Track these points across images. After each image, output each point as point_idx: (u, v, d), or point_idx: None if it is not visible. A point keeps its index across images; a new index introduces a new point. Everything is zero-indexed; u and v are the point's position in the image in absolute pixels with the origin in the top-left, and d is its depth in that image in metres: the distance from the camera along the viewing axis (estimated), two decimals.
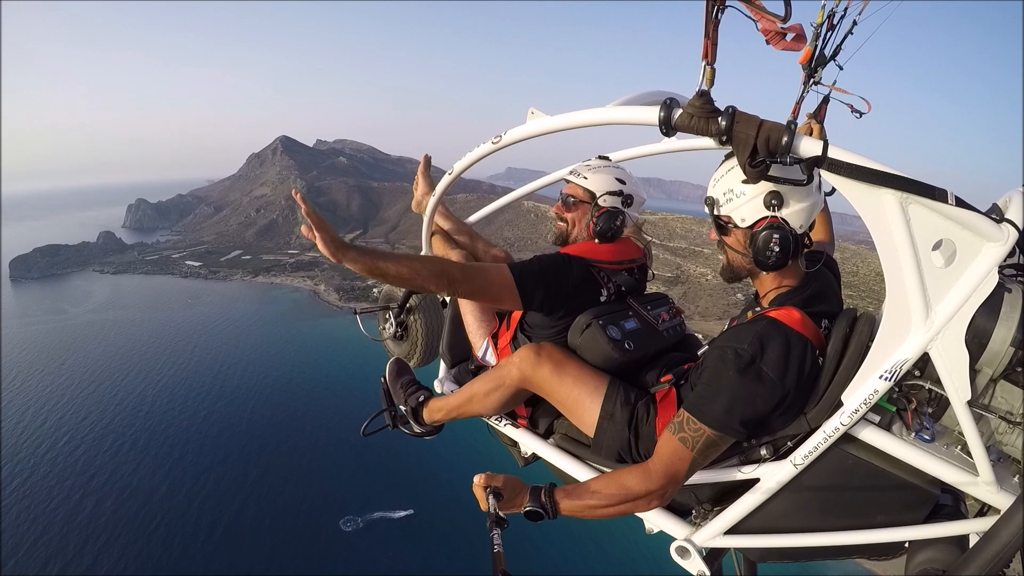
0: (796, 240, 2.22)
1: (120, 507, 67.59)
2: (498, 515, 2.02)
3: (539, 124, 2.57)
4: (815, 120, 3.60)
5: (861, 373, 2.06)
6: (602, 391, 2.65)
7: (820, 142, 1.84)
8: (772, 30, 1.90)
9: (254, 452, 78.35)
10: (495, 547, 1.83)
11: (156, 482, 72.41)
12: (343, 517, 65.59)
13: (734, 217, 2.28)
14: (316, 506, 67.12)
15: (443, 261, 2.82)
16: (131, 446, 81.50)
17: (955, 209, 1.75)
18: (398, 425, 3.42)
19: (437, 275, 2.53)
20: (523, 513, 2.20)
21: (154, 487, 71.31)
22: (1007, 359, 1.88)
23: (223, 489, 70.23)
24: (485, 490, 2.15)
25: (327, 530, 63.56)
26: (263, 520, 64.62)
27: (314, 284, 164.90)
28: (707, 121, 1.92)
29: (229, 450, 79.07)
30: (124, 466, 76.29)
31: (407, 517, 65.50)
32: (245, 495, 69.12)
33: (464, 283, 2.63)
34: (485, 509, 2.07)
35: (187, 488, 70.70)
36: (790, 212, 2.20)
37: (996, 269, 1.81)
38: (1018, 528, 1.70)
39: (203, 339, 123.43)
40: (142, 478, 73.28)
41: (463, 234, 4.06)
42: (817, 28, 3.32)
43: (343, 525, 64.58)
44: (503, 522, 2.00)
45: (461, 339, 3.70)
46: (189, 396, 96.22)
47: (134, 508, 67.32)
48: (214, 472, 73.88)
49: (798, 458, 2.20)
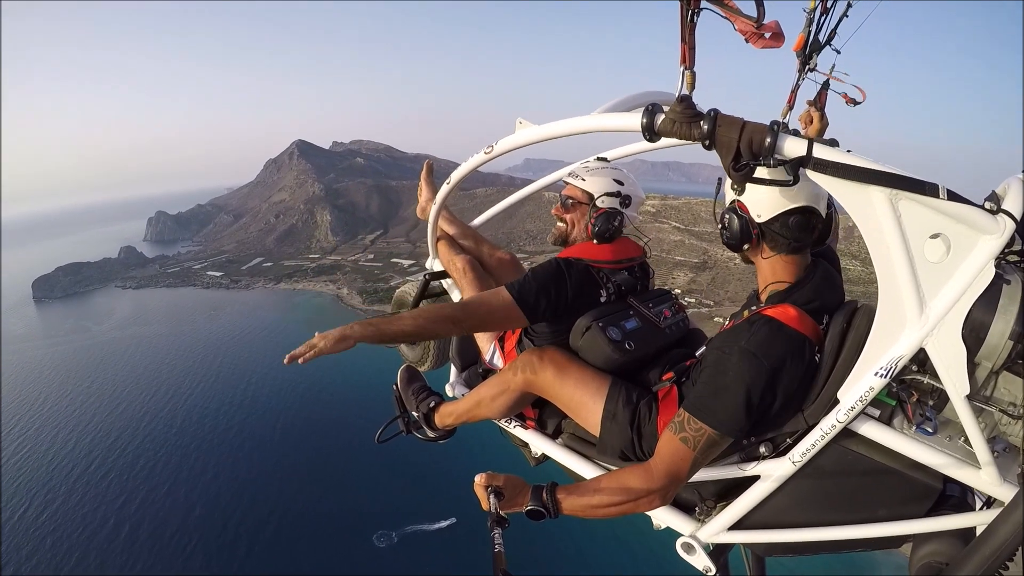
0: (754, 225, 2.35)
1: (156, 531, 66.01)
2: (499, 514, 2.04)
3: (527, 134, 2.66)
4: (815, 108, 3.66)
5: (857, 370, 2.08)
6: (604, 392, 2.72)
7: (805, 142, 1.82)
8: (749, 30, 1.90)
9: (287, 468, 76.31)
10: (496, 546, 1.86)
11: (191, 503, 70.65)
12: (376, 532, 62.69)
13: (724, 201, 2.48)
14: (348, 522, 64.54)
15: (441, 308, 2.96)
16: (164, 466, 79.99)
17: (947, 203, 1.74)
18: (411, 431, 3.54)
19: (441, 321, 2.68)
20: (524, 512, 2.23)
21: (189, 509, 69.54)
22: (1006, 352, 1.86)
23: (258, 508, 68.18)
24: (486, 489, 2.18)
25: (361, 547, 60.83)
26: (298, 540, 62.43)
27: (337, 288, 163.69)
28: (689, 125, 1.92)
29: (262, 467, 77.15)
30: (158, 488, 74.67)
31: (448, 527, 62.45)
32: (281, 514, 66.94)
33: (468, 319, 2.78)
34: (486, 508, 2.10)
35: (222, 508, 68.87)
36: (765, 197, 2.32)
37: (993, 261, 1.79)
38: (1018, 523, 1.71)
39: (228, 351, 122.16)
40: (176, 500, 71.54)
41: (468, 238, 4.14)
42: (810, 13, 3.38)
43: (376, 541, 61.69)
44: (504, 521, 2.02)
45: (470, 343, 3.79)
46: (219, 411, 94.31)
47: (170, 531, 65.67)
48: (248, 492, 71.85)
49: (796, 455, 2.25)
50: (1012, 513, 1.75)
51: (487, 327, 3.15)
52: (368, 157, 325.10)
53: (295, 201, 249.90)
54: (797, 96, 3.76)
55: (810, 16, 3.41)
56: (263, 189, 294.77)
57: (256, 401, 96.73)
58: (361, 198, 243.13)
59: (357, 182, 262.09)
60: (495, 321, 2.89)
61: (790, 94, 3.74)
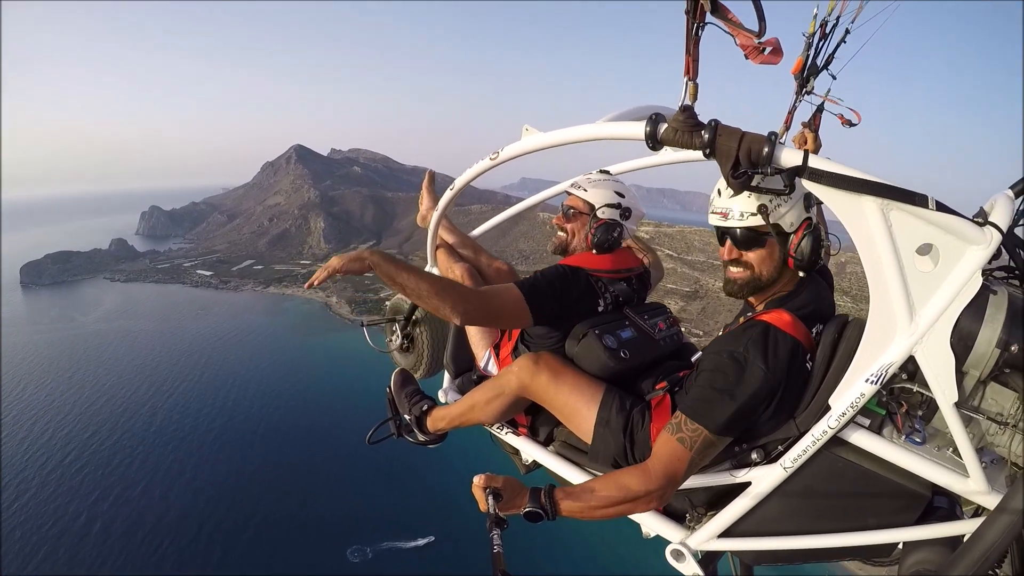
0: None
1: (129, 530, 65.09)
2: (498, 516, 2.05)
3: (533, 140, 2.72)
4: (809, 129, 3.72)
5: (848, 377, 2.12)
6: (598, 398, 2.74)
7: (801, 152, 1.89)
8: (749, 45, 1.93)
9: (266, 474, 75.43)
10: (495, 547, 1.86)
11: (166, 504, 69.65)
12: (351, 546, 61.47)
13: (783, 223, 2.36)
14: (324, 533, 63.54)
15: (462, 287, 2.93)
16: (140, 464, 79.05)
17: (936, 214, 1.79)
18: (403, 434, 3.52)
19: (455, 297, 2.66)
20: (523, 514, 2.24)
21: (164, 510, 68.53)
22: (993, 360, 1.91)
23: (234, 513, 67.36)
24: (485, 491, 2.18)
25: (334, 561, 59.70)
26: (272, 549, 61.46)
27: (326, 296, 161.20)
28: (691, 135, 1.99)
29: (240, 472, 76.27)
30: (133, 487, 73.66)
31: (426, 546, 61.35)
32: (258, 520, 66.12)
33: (478, 307, 2.75)
34: (484, 510, 2.11)
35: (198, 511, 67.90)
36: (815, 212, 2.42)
37: (980, 272, 1.85)
38: (1003, 529, 1.76)
39: (213, 352, 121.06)
40: (151, 500, 70.59)
41: (467, 247, 4.18)
42: (808, 38, 3.46)
43: (351, 556, 60.58)
44: (503, 523, 2.04)
45: (464, 350, 3.80)
46: (200, 412, 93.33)
47: (144, 531, 64.84)
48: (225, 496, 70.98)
49: (787, 461, 2.28)
50: (998, 517, 1.79)
51: (491, 321, 3.15)
52: (366, 167, 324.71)
53: (290, 205, 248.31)
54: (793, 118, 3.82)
55: (809, 40, 3.51)
56: (258, 191, 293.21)
57: (238, 404, 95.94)
58: (356, 207, 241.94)
59: (353, 191, 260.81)
60: (503, 316, 2.91)
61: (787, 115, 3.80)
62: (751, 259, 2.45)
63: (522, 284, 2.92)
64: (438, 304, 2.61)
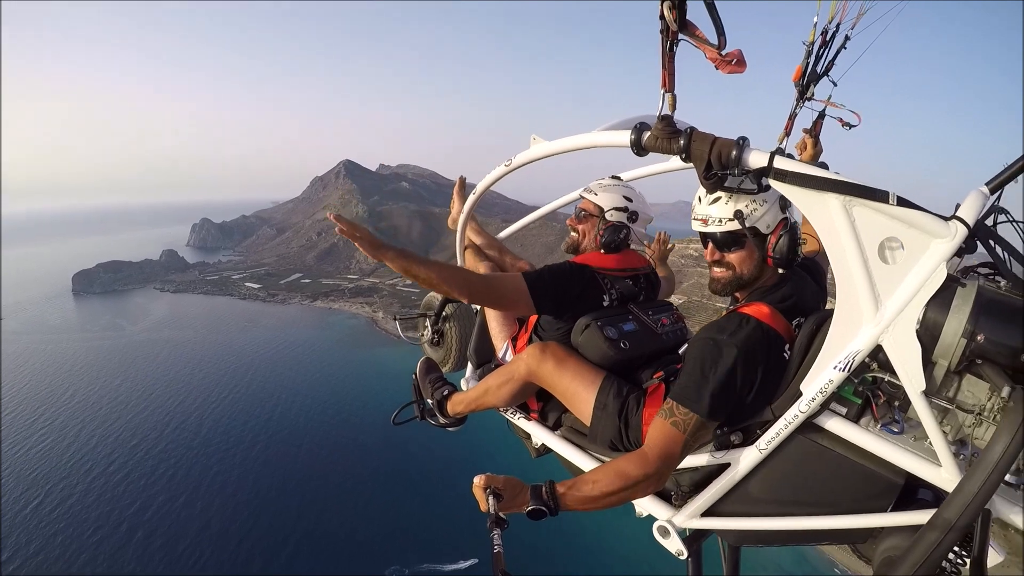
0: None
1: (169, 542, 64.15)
2: (498, 515, 2.05)
3: (540, 149, 2.99)
4: (809, 135, 3.88)
5: (817, 364, 2.22)
6: (597, 384, 2.95)
7: (767, 154, 2.05)
8: (716, 58, 2.04)
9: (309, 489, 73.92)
10: (495, 547, 1.88)
11: (207, 517, 68.45)
12: (390, 566, 59.39)
13: (759, 226, 2.53)
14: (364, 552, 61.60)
15: (467, 271, 3.28)
16: (184, 476, 78.22)
17: (898, 208, 1.89)
18: (425, 417, 3.82)
19: (460, 283, 2.88)
20: (526, 513, 2.24)
21: (205, 523, 67.34)
22: (960, 350, 1.94)
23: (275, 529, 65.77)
24: (485, 491, 2.17)
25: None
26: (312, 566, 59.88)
27: (372, 311, 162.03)
28: (669, 141, 2.22)
29: (283, 487, 74.78)
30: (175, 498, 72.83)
31: (467, 569, 58.75)
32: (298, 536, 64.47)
33: (483, 291, 3.02)
34: (485, 510, 2.10)
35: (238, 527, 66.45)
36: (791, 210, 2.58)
37: (944, 264, 1.91)
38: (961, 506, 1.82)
39: (258, 365, 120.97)
40: (192, 513, 69.57)
41: (493, 248, 4.44)
42: (808, 46, 3.57)
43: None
44: (503, 522, 2.04)
45: (486, 343, 4.02)
46: (245, 425, 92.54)
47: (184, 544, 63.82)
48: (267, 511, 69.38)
49: (762, 443, 2.40)
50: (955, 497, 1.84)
51: (496, 304, 3.35)
52: (413, 182, 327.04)
53: None
54: (794, 124, 3.88)
55: (808, 48, 3.56)
56: (307, 205, 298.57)
57: (283, 418, 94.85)
58: (404, 222, 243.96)
59: (401, 206, 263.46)
60: (505, 301, 3.10)
61: (787, 122, 3.86)
62: (732, 260, 2.62)
63: (528, 274, 3.12)
64: (446, 288, 2.84)
